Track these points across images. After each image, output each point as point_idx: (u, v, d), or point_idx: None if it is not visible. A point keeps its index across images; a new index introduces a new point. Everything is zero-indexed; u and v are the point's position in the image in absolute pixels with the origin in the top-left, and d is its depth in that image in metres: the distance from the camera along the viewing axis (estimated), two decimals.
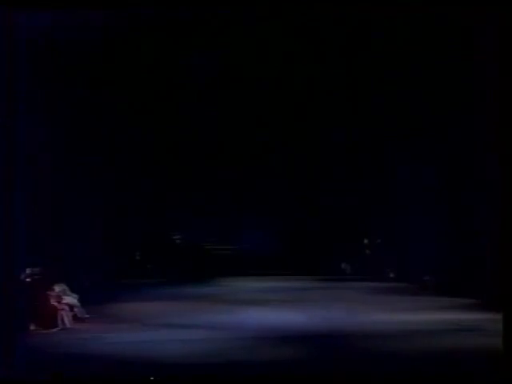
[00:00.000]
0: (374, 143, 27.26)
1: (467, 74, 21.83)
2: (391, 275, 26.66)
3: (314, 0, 14.94)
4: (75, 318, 18.81)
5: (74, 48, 21.13)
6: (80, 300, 19.11)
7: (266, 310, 20.52)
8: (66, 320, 18.46)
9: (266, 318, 19.14)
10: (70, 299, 18.93)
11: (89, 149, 24.09)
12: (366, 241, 29.19)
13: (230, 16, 18.55)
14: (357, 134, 27.43)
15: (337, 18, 19.19)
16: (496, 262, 17.03)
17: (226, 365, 14.73)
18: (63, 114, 22.06)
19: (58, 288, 18.84)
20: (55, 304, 18.51)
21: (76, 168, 23.15)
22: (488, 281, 19.97)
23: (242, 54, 24.74)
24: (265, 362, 14.95)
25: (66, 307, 18.66)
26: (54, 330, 18.11)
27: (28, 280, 18.67)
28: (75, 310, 18.95)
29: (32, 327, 18.12)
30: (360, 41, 23.42)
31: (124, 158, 27.15)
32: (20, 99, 14.21)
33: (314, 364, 14.95)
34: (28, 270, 18.77)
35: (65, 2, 14.01)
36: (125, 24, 19.08)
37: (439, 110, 23.65)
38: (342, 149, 28.40)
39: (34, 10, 14.18)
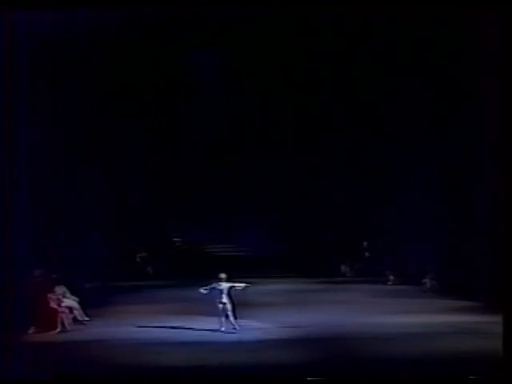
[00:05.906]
0: (374, 144, 27.20)
1: (467, 74, 21.81)
2: (391, 277, 26.56)
3: (314, 0, 15.02)
4: (75, 321, 18.80)
5: (73, 48, 21.13)
6: (80, 302, 19.08)
7: (266, 312, 20.46)
8: (66, 322, 18.44)
9: (267, 320, 19.11)
10: (70, 302, 18.89)
11: (89, 149, 24.04)
12: (365, 243, 29.11)
13: (230, 16, 18.57)
14: (357, 134, 27.38)
15: (337, 18, 19.20)
16: (496, 263, 17.02)
17: (227, 367, 14.74)
18: (63, 113, 22.01)
19: (58, 290, 18.83)
20: (55, 306, 18.49)
21: (76, 169, 23.09)
22: (488, 283, 19.93)
23: (242, 53, 24.76)
24: (265, 364, 14.96)
25: (66, 310, 18.64)
26: (54, 332, 18.10)
27: (28, 282, 18.69)
28: (75, 312, 18.92)
29: (32, 329, 18.12)
30: (360, 41, 23.45)
31: (124, 158, 27.09)
32: (20, 99, 14.26)
33: (314, 366, 14.94)
34: (28, 273, 18.79)
35: (65, 2, 14.05)
36: (125, 24, 19.08)
37: (439, 110, 23.62)
38: (342, 150, 28.34)
39: (34, 9, 14.21)
